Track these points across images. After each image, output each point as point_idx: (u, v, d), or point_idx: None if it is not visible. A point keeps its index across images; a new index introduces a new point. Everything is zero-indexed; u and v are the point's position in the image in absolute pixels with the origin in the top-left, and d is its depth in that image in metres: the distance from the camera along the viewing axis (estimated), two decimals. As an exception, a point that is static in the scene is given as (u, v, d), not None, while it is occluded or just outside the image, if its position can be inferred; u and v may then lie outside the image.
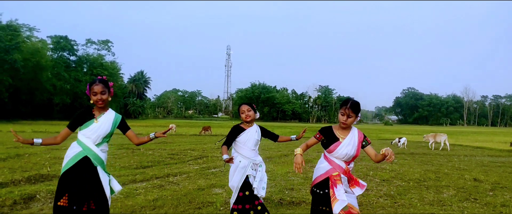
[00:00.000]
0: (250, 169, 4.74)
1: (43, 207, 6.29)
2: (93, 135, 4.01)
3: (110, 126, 4.11)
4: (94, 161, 3.98)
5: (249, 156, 4.76)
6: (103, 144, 4.12)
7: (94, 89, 3.98)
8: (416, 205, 6.91)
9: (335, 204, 3.73)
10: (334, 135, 3.89)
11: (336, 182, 3.83)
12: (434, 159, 15.40)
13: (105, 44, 79.74)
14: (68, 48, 72.86)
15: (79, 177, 3.90)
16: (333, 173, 3.87)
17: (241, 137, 4.78)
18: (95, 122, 4.04)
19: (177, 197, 7.12)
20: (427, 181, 9.47)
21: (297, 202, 6.97)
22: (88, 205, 3.88)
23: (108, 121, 4.11)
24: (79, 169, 3.92)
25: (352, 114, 3.80)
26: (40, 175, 8.89)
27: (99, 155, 4.03)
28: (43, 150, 14.66)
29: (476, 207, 6.93)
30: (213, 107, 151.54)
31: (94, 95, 4.00)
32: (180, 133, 31.58)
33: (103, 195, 3.97)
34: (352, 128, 3.99)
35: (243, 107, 4.82)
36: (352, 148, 3.86)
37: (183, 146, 18.34)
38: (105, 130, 4.08)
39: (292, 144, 23.31)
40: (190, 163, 12.16)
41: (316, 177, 4.02)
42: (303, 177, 9.70)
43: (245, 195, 4.69)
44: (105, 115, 4.13)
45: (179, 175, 9.64)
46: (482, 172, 11.37)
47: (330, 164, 3.91)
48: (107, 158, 4.23)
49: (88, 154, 3.96)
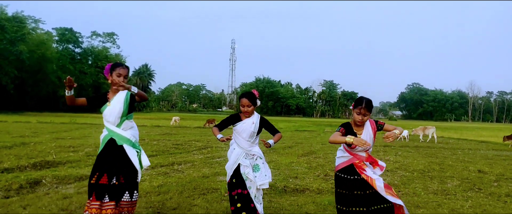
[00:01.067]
0: (243, 158, 4.73)
1: (49, 191, 6.34)
2: (111, 117, 4.23)
3: (123, 105, 4.23)
4: (119, 141, 4.21)
5: (243, 146, 4.75)
6: (123, 123, 4.29)
7: (119, 71, 4.19)
8: (420, 194, 6.92)
9: (375, 183, 3.89)
10: (353, 132, 4.06)
11: (363, 167, 4.00)
12: (439, 152, 15.38)
13: (110, 36, 79.69)
14: (73, 40, 72.96)
15: (108, 157, 4.20)
16: (355, 161, 4.03)
17: (237, 126, 4.77)
18: (108, 105, 4.24)
19: (182, 183, 7.16)
20: (431, 172, 9.47)
21: (301, 190, 7.00)
22: (118, 180, 4.16)
23: (120, 100, 4.24)
24: (109, 149, 4.22)
25: (367, 113, 3.95)
26: (45, 161, 8.95)
27: (122, 134, 4.24)
28: (49, 139, 14.77)
29: (480, 196, 6.93)
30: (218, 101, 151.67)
31: (117, 76, 4.18)
32: (184, 125, 31.66)
33: (133, 170, 4.25)
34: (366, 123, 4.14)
35: (243, 100, 4.72)
36: (369, 140, 4.02)
37: (188, 138, 18.40)
38: (119, 109, 4.22)
39: (296, 135, 23.38)
40: (194, 153, 12.21)
41: (339, 164, 4.17)
42: (306, 167, 9.73)
43: (237, 182, 4.70)
44: (118, 95, 4.27)
45: (184, 164, 9.69)
46: (486, 164, 11.35)
47: (351, 155, 4.08)
48: (136, 133, 4.41)
49: (112, 135, 4.24)
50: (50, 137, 15.53)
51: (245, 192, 4.67)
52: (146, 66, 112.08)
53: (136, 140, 4.36)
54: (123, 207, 4.19)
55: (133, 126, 4.42)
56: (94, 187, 4.12)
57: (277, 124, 38.33)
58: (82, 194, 6.12)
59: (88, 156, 10.22)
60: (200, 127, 30.22)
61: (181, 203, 5.80)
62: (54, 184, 6.88)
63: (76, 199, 5.77)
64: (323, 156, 12.27)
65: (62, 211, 5.19)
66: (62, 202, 5.58)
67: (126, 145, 4.23)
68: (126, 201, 4.22)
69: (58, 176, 7.28)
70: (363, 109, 3.90)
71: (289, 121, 57.38)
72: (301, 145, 16.15)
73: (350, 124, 4.13)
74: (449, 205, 6.12)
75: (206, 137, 19.28)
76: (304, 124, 42.66)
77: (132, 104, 4.35)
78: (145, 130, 23.39)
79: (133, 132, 4.37)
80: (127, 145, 4.24)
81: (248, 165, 4.74)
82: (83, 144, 13.06)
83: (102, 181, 4.12)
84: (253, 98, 4.75)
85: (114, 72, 4.21)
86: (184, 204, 5.75)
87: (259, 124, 4.81)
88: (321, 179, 8.13)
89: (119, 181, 4.17)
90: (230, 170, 4.77)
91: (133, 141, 4.31)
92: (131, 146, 4.27)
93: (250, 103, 4.70)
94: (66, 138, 15.69)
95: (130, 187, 4.24)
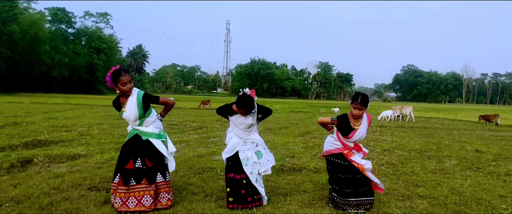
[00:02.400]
0: (241, 146, 4.64)
1: (41, 170, 6.19)
2: (130, 120, 4.40)
3: (136, 109, 4.31)
4: (144, 137, 4.38)
5: (241, 136, 4.65)
6: (144, 121, 4.41)
7: (123, 80, 4.22)
8: (418, 173, 6.84)
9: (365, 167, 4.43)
10: (350, 125, 4.45)
11: (350, 156, 4.49)
12: (435, 132, 15.33)
13: (103, 16, 78.66)
14: (66, 20, 72.01)
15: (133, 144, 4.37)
16: (344, 151, 4.51)
17: (233, 117, 4.64)
18: (124, 111, 4.34)
19: (177, 163, 6.90)
20: (429, 152, 9.39)
21: (298, 168, 6.90)
22: (143, 163, 4.32)
23: (133, 105, 4.31)
24: (135, 141, 4.40)
25: (363, 107, 4.36)
26: (37, 141, 8.79)
27: (145, 131, 4.39)
28: (41, 119, 14.56)
29: (479, 175, 6.86)
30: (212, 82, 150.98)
31: (123, 86, 4.23)
32: (179, 106, 31.46)
33: (158, 154, 4.39)
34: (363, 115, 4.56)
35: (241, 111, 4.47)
36: (364, 132, 4.51)
37: (183, 118, 18.24)
38: (134, 113, 4.32)
39: (291, 116, 23.30)
40: (189, 133, 12.07)
41: (328, 150, 4.65)
42: (303, 146, 9.62)
43: (233, 164, 4.61)
44: (130, 100, 4.33)
45: (179, 144, 9.55)
46: (483, 144, 11.30)
47: (341, 144, 4.54)
48: (159, 124, 4.55)
49: (137, 132, 4.41)
50: (43, 117, 15.31)
51: (237, 177, 4.58)
52: (140, 47, 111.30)
53: (160, 130, 4.51)
54: (160, 187, 4.41)
55: (155, 119, 4.51)
56: (119, 170, 4.32)
57: (273, 105, 38.21)
58: (75, 173, 5.99)
59: (81, 136, 10.07)
60: (195, 108, 30.06)
61: (176, 182, 5.68)
62: (46, 163, 6.74)
63: (68, 178, 5.63)
64: (319, 136, 12.17)
65: (54, 189, 5.05)
66: (54, 181, 5.45)
67: (151, 138, 4.39)
68: (160, 181, 4.42)
69: (50, 155, 7.13)
70: (358, 104, 4.32)
71: (284, 102, 57.26)
72: (297, 126, 16.04)
73: (347, 116, 4.52)
74: (448, 184, 6.04)
75: (201, 117, 19.15)
76: (299, 106, 42.53)
77: (146, 104, 4.39)
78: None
79: (156, 124, 4.49)
80: (153, 139, 4.39)
81: (249, 148, 4.65)
82: (76, 124, 12.88)
83: (128, 166, 4.28)
84: (252, 107, 4.52)
85: (118, 84, 4.24)
86: (179, 183, 5.63)
87: (257, 113, 4.74)
88: (318, 158, 8.03)
89: (146, 166, 4.32)
90: (226, 155, 4.68)
91: (157, 132, 4.45)
92: (156, 138, 4.41)
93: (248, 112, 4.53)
94: (59, 118, 15.48)
95: (160, 169, 4.42)
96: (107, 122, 14.31)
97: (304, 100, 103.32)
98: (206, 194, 5.09)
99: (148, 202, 4.28)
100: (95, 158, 7.13)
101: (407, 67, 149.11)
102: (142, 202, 4.27)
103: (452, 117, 29.37)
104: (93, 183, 5.40)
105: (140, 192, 4.28)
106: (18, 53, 54.93)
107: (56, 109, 21.70)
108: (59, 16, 70.67)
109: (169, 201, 4.45)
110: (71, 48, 68.35)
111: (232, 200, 4.51)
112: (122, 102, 4.37)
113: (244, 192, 4.54)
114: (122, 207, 4.23)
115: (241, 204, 4.50)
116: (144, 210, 4.26)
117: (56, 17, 70.54)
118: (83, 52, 69.26)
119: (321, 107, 40.87)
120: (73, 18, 73.81)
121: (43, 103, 27.46)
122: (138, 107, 4.30)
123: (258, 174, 4.68)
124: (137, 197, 4.27)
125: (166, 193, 4.44)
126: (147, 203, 4.28)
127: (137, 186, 4.28)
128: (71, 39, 72.84)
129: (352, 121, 4.47)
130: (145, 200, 4.28)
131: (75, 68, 68.08)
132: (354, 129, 4.43)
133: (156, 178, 4.37)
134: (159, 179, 4.40)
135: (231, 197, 4.52)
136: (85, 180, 5.55)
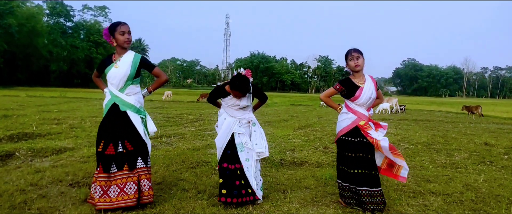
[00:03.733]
0: (237, 127, 4.20)
1: (22, 164, 5.73)
2: (115, 80, 3.92)
3: (130, 68, 3.92)
4: (122, 107, 3.93)
5: (235, 115, 4.22)
6: (128, 88, 3.97)
7: (121, 28, 3.87)
8: (428, 167, 6.38)
9: (380, 144, 3.89)
10: (354, 84, 4.06)
11: (367, 129, 3.98)
12: (440, 125, 14.89)
13: (102, 10, 78.03)
14: (64, 14, 71.38)
15: (111, 123, 3.92)
16: (360, 122, 4.00)
17: (226, 98, 4.22)
18: (115, 67, 3.92)
19: (170, 156, 6.58)
20: (436, 145, 8.94)
21: (299, 163, 6.44)
22: (124, 147, 3.89)
23: (127, 63, 3.93)
24: (112, 116, 3.95)
25: (359, 55, 4.03)
26: (23, 133, 8.34)
27: (125, 99, 3.94)
28: (34, 111, 14.10)
29: (493, 170, 6.40)
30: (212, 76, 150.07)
31: (121, 35, 3.88)
32: (177, 100, 31.01)
33: (139, 136, 3.93)
34: (365, 75, 4.18)
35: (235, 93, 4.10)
36: (372, 91, 4.07)
37: (180, 111, 17.80)
38: (125, 72, 3.90)
39: (291, 109, 22.86)
40: (186, 126, 11.62)
41: (343, 128, 4.11)
42: (304, 139, 9.18)
43: (227, 154, 4.18)
44: (124, 57, 3.96)
45: (173, 136, 9.11)
46: (491, 137, 10.85)
47: (355, 114, 4.04)
48: (141, 98, 4.11)
49: (115, 100, 3.95)
50: (36, 110, 14.85)
51: (231, 167, 4.13)
52: (139, 40, 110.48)
53: (141, 106, 4.07)
54: (141, 174, 3.94)
55: (138, 91, 4.10)
56: (101, 157, 3.89)
57: (272, 99, 37.85)
58: (57, 167, 5.53)
59: (71, 129, 9.61)
60: (193, 101, 29.62)
61: (167, 177, 5.22)
62: (29, 157, 6.28)
63: (49, 173, 5.17)
64: (320, 129, 11.73)
65: (31, 186, 4.59)
66: (33, 176, 4.98)
67: (130, 111, 3.95)
68: (141, 167, 3.96)
69: (34, 149, 6.68)
70: (354, 53, 4.01)
71: (284, 96, 56.77)
72: (297, 119, 15.60)
73: (349, 79, 4.12)
74: (461, 179, 5.59)
75: (199, 110, 18.70)
76: (299, 99, 42.12)
77: (140, 69, 4.03)
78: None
79: (138, 97, 4.06)
80: (131, 111, 3.95)
81: (244, 133, 4.19)
82: (69, 117, 12.42)
83: (109, 152, 3.87)
84: (247, 88, 4.12)
85: (116, 33, 3.88)
86: (170, 178, 5.17)
87: (252, 95, 4.35)
88: (320, 152, 7.58)
89: (126, 149, 3.90)
90: (222, 142, 4.20)
91: (138, 106, 4.02)
92: (135, 112, 3.98)
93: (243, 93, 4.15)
94: (53, 111, 15.02)
95: (142, 153, 3.96)
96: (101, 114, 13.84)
97: (304, 93, 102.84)
98: (198, 190, 4.63)
99: (132, 190, 3.83)
100: (82, 152, 6.67)
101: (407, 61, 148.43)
102: (125, 190, 3.82)
103: (455, 110, 28.91)
104: (76, 178, 4.94)
105: (122, 179, 3.84)
106: (15, 46, 54.50)
107: (52, 102, 21.24)
108: (57, 10, 70.07)
109: (150, 189, 3.95)
110: (70, 42, 67.70)
111: (225, 192, 4.02)
112: (115, 58, 3.97)
113: (238, 184, 4.08)
114: (102, 203, 3.77)
115: (235, 197, 4.02)
116: (125, 204, 3.79)
117: (54, 10, 69.96)
118: (81, 45, 68.64)
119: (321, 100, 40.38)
120: (71, 11, 73.25)
121: (39, 97, 27.00)
122: (133, 66, 3.93)
123: (255, 161, 4.23)
124: (119, 185, 3.83)
125: (148, 180, 3.95)
126: (130, 191, 3.82)
127: (119, 173, 3.85)
128: (69, 32, 72.18)
129: (355, 80, 4.10)
130: (128, 187, 3.83)
131: (74, 62, 67.50)
132: (359, 87, 4.05)
133: (136, 163, 3.93)
134: (140, 165, 3.94)
135: (224, 189, 4.04)
136: (68, 175, 5.09)
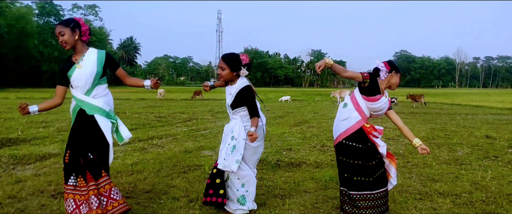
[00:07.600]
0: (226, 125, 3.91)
1: (2, 174, 5.37)
2: (80, 82, 3.48)
3: (96, 65, 3.50)
4: (89, 111, 3.48)
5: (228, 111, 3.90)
6: (94, 90, 3.53)
7: (56, 31, 3.45)
8: (431, 165, 6.09)
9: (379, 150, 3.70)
10: (379, 87, 3.74)
11: (373, 132, 3.66)
12: (437, 118, 14.65)
13: (92, 9, 77.29)
14: (54, 14, 70.45)
15: (78, 131, 3.49)
16: (365, 124, 3.67)
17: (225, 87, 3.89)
18: (77, 67, 3.48)
19: (160, 160, 6.25)
20: (437, 139, 8.68)
21: (297, 164, 6.12)
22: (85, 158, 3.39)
23: (92, 61, 3.52)
24: (79, 123, 3.51)
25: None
26: (7, 139, 7.98)
27: (92, 103, 3.50)
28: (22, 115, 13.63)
29: (499, 165, 6.12)
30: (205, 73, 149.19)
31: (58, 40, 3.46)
32: (170, 98, 30.59)
33: (107, 145, 3.51)
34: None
35: (219, 62, 3.74)
36: (387, 102, 3.78)
37: (172, 110, 17.42)
38: (91, 71, 3.47)
39: (286, 105, 22.54)
40: (178, 126, 11.27)
41: (348, 128, 3.68)
42: (300, 137, 8.87)
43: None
44: (87, 55, 3.55)
45: (165, 138, 8.76)
46: (491, 129, 10.61)
47: (360, 115, 3.69)
48: (110, 100, 3.65)
49: (81, 105, 3.50)
50: (23, 113, 14.40)
51: (216, 164, 3.79)
52: (131, 39, 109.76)
53: (110, 109, 3.63)
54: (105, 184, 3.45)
55: (107, 93, 3.66)
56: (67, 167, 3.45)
57: (266, 94, 37.56)
58: (40, 176, 5.19)
59: (58, 132, 9.25)
60: (187, 99, 29.22)
61: (156, 184, 4.89)
62: (11, 164, 5.92)
63: (31, 183, 4.83)
64: (316, 125, 11.43)
65: (10, 199, 4.25)
66: (13, 187, 4.64)
67: (98, 115, 3.50)
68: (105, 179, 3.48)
69: (17, 156, 6.32)
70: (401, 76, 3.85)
71: (278, 91, 56.45)
72: (293, 115, 15.30)
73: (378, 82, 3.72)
74: (468, 177, 5.30)
75: (192, 109, 18.34)
76: (293, 94, 41.79)
77: (106, 67, 3.59)
78: (129, 103, 22.37)
79: (107, 99, 3.61)
80: (99, 115, 3.51)
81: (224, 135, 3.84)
82: (57, 119, 12.05)
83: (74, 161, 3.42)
84: (232, 60, 3.69)
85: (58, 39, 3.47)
86: (160, 185, 4.83)
87: (236, 97, 3.73)
88: (317, 150, 7.27)
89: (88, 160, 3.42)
90: None
91: (107, 110, 3.58)
92: (104, 116, 3.54)
93: (225, 65, 3.68)
94: (42, 113, 14.59)
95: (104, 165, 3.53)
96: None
97: (297, 88, 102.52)
98: (189, 199, 4.30)
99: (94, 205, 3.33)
100: (68, 158, 6.32)
101: (400, 53, 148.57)
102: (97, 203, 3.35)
103: (448, 101, 28.75)
104: (59, 189, 4.59)
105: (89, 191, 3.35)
106: (5, 47, 53.66)
107: (41, 104, 20.76)
108: (47, 10, 69.21)
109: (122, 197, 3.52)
110: (61, 42, 66.86)
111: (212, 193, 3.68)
112: (76, 58, 3.52)
113: (219, 182, 3.71)
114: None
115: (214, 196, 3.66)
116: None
117: (44, 10, 69.09)
118: (73, 45, 67.82)
119: (315, 95, 40.17)
120: (61, 10, 72.32)
121: (30, 98, 26.47)
122: (99, 63, 3.52)
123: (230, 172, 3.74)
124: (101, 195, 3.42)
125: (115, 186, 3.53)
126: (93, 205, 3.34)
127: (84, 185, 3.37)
128: (60, 32, 71.34)
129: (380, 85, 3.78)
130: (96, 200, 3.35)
131: (65, 62, 66.65)
132: (381, 93, 3.74)
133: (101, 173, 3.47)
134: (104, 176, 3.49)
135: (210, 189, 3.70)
136: (50, 185, 4.74)
